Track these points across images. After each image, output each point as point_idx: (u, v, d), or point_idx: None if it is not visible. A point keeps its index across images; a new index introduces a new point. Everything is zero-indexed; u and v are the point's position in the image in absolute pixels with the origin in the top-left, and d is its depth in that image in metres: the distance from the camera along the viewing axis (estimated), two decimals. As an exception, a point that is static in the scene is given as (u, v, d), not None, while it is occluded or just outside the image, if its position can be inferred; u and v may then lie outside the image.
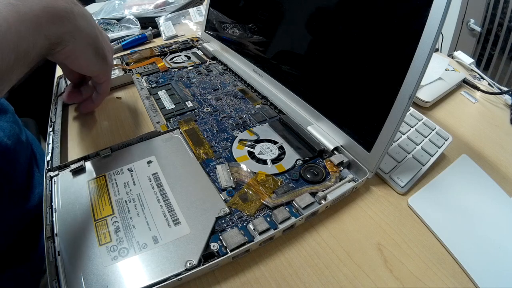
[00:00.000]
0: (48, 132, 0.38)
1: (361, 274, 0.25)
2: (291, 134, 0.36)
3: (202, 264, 0.24)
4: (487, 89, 0.49)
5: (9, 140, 0.38)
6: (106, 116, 0.42)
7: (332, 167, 0.32)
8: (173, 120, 0.39)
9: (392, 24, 0.28)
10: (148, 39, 0.63)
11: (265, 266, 0.25)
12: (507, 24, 0.94)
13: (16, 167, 0.39)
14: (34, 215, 0.41)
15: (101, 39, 0.33)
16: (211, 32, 0.56)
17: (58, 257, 0.24)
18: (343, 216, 0.29)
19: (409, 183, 0.32)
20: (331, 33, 0.34)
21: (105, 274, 0.23)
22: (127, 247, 0.25)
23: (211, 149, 0.34)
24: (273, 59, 0.43)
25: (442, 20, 0.23)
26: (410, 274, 0.25)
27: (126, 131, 0.39)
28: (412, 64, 0.25)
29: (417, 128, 0.38)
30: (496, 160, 0.36)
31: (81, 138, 0.38)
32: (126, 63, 0.51)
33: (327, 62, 0.35)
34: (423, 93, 0.44)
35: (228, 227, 0.27)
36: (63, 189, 0.30)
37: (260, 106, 0.41)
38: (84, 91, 0.40)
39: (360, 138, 0.31)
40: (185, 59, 0.53)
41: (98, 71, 0.36)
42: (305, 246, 0.27)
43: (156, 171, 0.31)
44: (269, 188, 0.29)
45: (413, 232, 0.28)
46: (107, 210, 0.28)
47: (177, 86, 0.45)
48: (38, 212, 0.41)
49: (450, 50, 1.10)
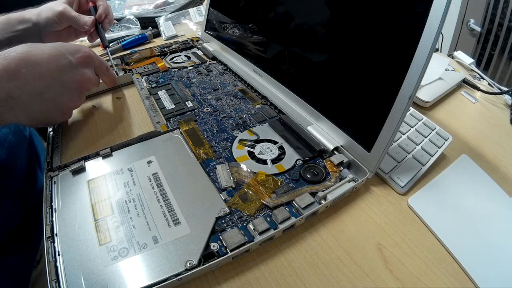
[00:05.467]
0: (48, 132, 0.38)
1: (361, 274, 0.25)
2: (291, 134, 0.36)
3: (202, 264, 0.24)
4: (487, 89, 0.49)
5: (13, 136, 0.39)
6: (106, 116, 0.42)
7: (332, 167, 0.32)
8: (173, 120, 0.39)
9: (392, 24, 0.28)
10: (148, 39, 0.63)
11: (265, 266, 0.25)
12: (507, 24, 0.94)
13: (17, 162, 0.39)
14: (33, 211, 0.41)
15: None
16: (211, 32, 0.56)
17: (58, 257, 0.24)
18: (343, 216, 0.29)
19: (409, 183, 0.32)
20: (331, 33, 0.34)
21: (105, 274, 0.23)
22: (127, 247, 0.25)
23: (211, 149, 0.34)
24: (273, 59, 0.43)
25: (442, 20, 0.23)
26: (410, 274, 0.25)
27: (126, 131, 0.39)
28: (412, 64, 0.25)
29: (417, 128, 0.38)
30: (496, 160, 0.36)
31: (81, 138, 0.38)
32: (126, 63, 0.51)
33: (327, 62, 0.35)
34: (423, 93, 0.44)
35: (228, 227, 0.27)
36: (63, 189, 0.30)
37: (260, 106, 0.41)
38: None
39: (360, 138, 0.31)
40: (185, 59, 0.53)
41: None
42: (305, 246, 0.27)
43: (156, 171, 0.31)
44: (269, 188, 0.29)
45: (413, 232, 0.28)
46: (107, 210, 0.28)
47: (177, 86, 0.45)
48: (37, 207, 0.41)
49: (450, 50, 1.10)
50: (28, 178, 0.41)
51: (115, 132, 0.39)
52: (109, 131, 0.39)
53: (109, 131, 0.39)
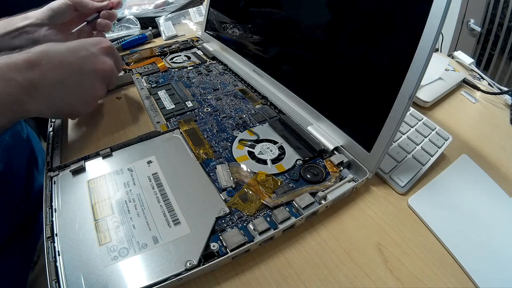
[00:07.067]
0: (48, 132, 0.38)
1: (361, 274, 0.25)
2: (291, 134, 0.36)
3: (202, 264, 0.24)
4: (487, 89, 0.49)
5: (10, 138, 0.39)
6: (106, 116, 0.42)
7: (332, 167, 0.32)
8: (173, 120, 0.39)
9: (392, 24, 0.28)
10: (148, 39, 0.63)
11: (265, 266, 0.25)
12: (507, 24, 0.94)
13: (13, 164, 0.39)
14: (31, 212, 0.41)
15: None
16: (211, 32, 0.56)
17: (58, 257, 0.24)
18: (343, 216, 0.29)
19: (409, 183, 0.32)
20: (331, 33, 0.34)
21: (105, 274, 0.23)
22: (127, 247, 0.25)
23: (211, 149, 0.34)
24: (273, 59, 0.43)
25: (442, 20, 0.23)
26: (410, 274, 0.25)
27: (126, 131, 0.39)
28: (412, 64, 0.25)
29: (417, 128, 0.38)
30: (496, 160, 0.36)
31: (81, 138, 0.38)
32: (126, 63, 0.51)
33: (327, 62, 0.35)
34: (423, 93, 0.44)
35: (228, 227, 0.27)
36: (63, 189, 0.30)
37: (260, 106, 0.41)
38: None
39: (360, 138, 0.31)
40: (185, 59, 0.53)
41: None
42: (305, 246, 0.27)
43: (156, 171, 0.31)
44: (269, 188, 0.29)
45: (413, 232, 0.28)
46: (107, 210, 0.28)
47: (177, 86, 0.45)
48: (34, 208, 0.41)
49: (450, 50, 1.10)
50: (25, 180, 0.41)
51: (115, 132, 0.39)
52: (109, 131, 0.39)
53: (109, 131, 0.39)
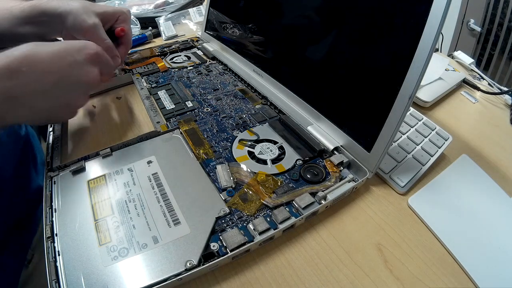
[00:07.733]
0: (48, 132, 0.38)
1: (361, 274, 0.25)
2: (291, 134, 0.36)
3: (202, 264, 0.24)
4: (487, 89, 0.49)
5: (7, 137, 0.38)
6: (106, 116, 0.42)
7: (332, 167, 0.32)
8: (173, 120, 0.39)
9: (392, 24, 0.28)
10: (148, 39, 0.63)
11: (265, 266, 0.25)
12: (507, 24, 0.94)
13: (5, 162, 0.39)
14: (27, 211, 0.41)
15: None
16: (211, 32, 0.56)
17: (58, 257, 0.24)
18: (343, 216, 0.29)
19: (409, 183, 0.32)
20: (331, 33, 0.34)
21: (105, 274, 0.23)
22: (127, 247, 0.25)
23: (211, 149, 0.34)
24: (273, 59, 0.43)
25: (442, 20, 0.23)
26: (410, 274, 0.25)
27: (126, 131, 0.39)
28: (412, 64, 0.25)
29: (417, 128, 0.38)
30: (496, 160, 0.36)
31: (81, 138, 0.38)
32: (126, 63, 0.51)
33: (327, 62, 0.35)
34: (423, 93, 0.44)
35: (228, 227, 0.27)
36: (63, 189, 0.30)
37: (260, 106, 0.41)
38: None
39: (360, 138, 0.31)
40: (185, 59, 0.53)
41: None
42: (305, 246, 0.27)
43: (156, 171, 0.31)
44: (269, 188, 0.29)
45: (413, 232, 0.28)
46: (107, 210, 0.28)
47: (177, 86, 0.45)
48: (29, 207, 0.41)
49: (450, 50, 1.10)
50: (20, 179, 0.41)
51: (115, 132, 0.39)
52: (109, 131, 0.39)
53: (109, 131, 0.39)
